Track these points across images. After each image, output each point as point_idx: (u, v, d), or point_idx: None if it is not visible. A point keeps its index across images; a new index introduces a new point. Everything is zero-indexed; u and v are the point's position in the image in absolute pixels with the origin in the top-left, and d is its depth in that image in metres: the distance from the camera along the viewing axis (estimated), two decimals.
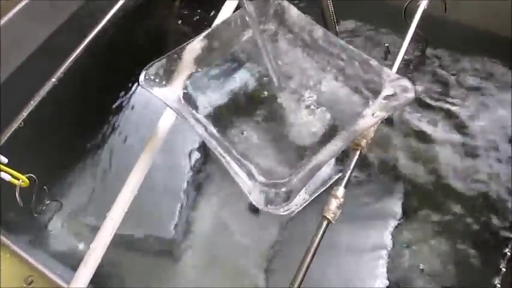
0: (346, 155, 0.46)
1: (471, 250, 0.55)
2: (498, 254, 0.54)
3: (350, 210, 0.52)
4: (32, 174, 0.54)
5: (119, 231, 0.49)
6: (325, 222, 0.42)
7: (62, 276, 0.49)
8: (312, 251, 0.41)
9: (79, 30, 0.69)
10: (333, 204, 0.42)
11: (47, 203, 0.63)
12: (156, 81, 0.50)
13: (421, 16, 0.58)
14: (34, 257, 0.50)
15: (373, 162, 0.63)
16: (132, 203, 0.50)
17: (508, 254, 0.54)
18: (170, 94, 0.50)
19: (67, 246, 0.61)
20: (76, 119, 0.69)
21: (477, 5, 0.69)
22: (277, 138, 0.48)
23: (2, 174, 0.52)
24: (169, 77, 0.51)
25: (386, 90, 0.46)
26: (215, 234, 0.60)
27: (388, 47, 0.73)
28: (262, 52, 0.49)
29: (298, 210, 0.58)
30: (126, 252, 0.60)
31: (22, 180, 0.53)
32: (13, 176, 0.52)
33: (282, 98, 0.51)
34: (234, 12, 0.62)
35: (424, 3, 0.60)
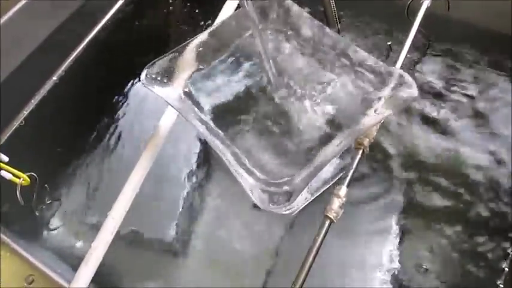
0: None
1: (474, 248, 0.55)
2: (501, 253, 0.54)
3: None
4: (32, 173, 0.54)
5: (119, 230, 0.49)
6: (327, 222, 0.42)
7: (63, 275, 0.49)
8: (314, 251, 0.40)
9: (80, 29, 0.69)
10: (336, 204, 0.42)
11: (48, 201, 0.63)
12: (158, 79, 0.50)
13: (423, 14, 0.58)
14: (35, 256, 0.50)
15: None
16: (133, 202, 0.50)
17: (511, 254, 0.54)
18: (171, 92, 0.50)
19: (68, 245, 0.61)
20: (77, 118, 0.69)
21: (479, 4, 0.69)
22: (279, 137, 0.48)
23: (2, 173, 0.51)
24: (170, 75, 0.51)
25: (389, 88, 0.46)
26: (216, 234, 0.60)
27: (390, 45, 0.72)
28: (261, 51, 0.49)
29: (300, 209, 0.57)
30: (127, 251, 0.60)
31: (23, 178, 0.52)
32: (14, 174, 0.52)
33: (284, 96, 0.51)
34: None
35: (427, 2, 0.59)
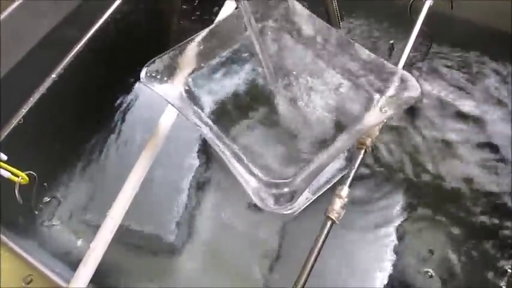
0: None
1: (476, 249, 0.55)
2: (504, 255, 0.54)
3: None
4: (31, 172, 0.54)
5: (119, 230, 0.48)
6: (329, 223, 0.41)
7: (61, 275, 0.48)
8: (315, 251, 0.40)
9: (80, 26, 0.69)
10: (337, 204, 0.42)
11: (47, 200, 0.63)
12: (158, 77, 0.49)
13: (426, 13, 0.58)
14: (33, 255, 0.50)
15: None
16: (133, 201, 0.50)
17: None
18: (172, 91, 0.49)
19: (67, 244, 0.60)
20: (76, 116, 0.69)
21: (480, 4, 0.69)
22: (280, 137, 0.48)
23: (1, 171, 0.51)
24: (170, 74, 0.50)
25: (392, 87, 0.46)
26: (217, 234, 0.60)
27: (392, 44, 0.72)
28: (257, 51, 0.48)
29: (301, 209, 0.57)
30: (127, 250, 0.59)
31: (22, 177, 0.52)
32: (12, 173, 0.51)
33: (285, 96, 0.50)
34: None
35: (429, 1, 0.59)
